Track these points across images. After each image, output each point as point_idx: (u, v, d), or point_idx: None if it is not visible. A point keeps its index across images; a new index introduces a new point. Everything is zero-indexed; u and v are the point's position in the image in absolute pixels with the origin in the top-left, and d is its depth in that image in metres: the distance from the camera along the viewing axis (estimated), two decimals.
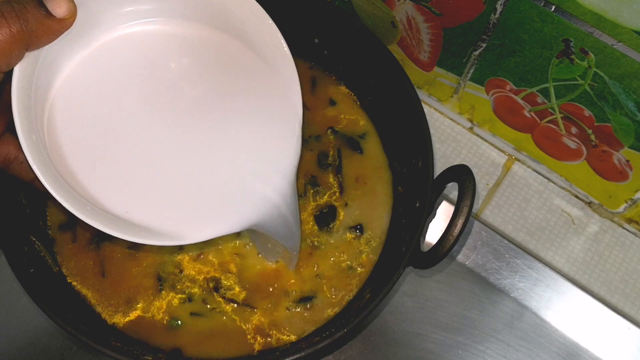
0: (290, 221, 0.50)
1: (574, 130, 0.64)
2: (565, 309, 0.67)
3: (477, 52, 0.63)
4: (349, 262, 0.61)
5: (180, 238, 0.43)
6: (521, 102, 0.66)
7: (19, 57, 0.39)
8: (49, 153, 0.41)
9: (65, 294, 0.58)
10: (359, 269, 0.61)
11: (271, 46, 0.47)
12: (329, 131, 0.66)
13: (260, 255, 0.60)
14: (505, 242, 0.70)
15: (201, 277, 0.59)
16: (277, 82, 0.47)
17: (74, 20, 0.40)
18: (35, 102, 0.41)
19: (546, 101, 0.63)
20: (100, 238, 0.60)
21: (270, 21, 0.47)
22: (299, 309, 0.59)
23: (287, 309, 0.59)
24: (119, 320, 0.58)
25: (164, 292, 0.59)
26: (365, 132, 0.67)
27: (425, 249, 0.54)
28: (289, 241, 0.55)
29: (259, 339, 0.58)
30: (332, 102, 0.68)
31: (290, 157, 0.47)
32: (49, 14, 0.39)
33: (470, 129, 0.75)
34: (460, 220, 0.52)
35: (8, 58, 0.38)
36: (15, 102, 0.38)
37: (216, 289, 0.59)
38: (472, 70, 0.66)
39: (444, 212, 0.69)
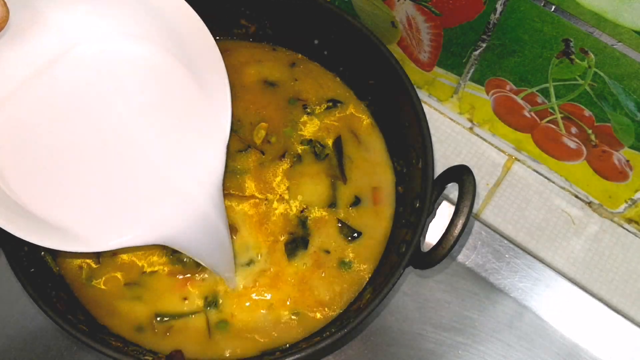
0: (217, 241, 0.50)
1: (574, 130, 0.64)
2: (565, 309, 0.67)
3: (477, 52, 0.63)
4: (348, 262, 0.61)
5: (90, 244, 0.43)
6: (521, 102, 0.66)
7: None
8: None
9: (65, 294, 0.58)
10: (359, 268, 0.61)
11: (210, 67, 0.48)
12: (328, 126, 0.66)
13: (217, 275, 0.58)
14: (505, 242, 0.70)
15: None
16: (210, 101, 0.47)
17: (4, 25, 0.39)
18: None
19: (546, 101, 0.63)
20: None
21: (214, 44, 0.47)
22: (300, 309, 0.59)
23: (288, 307, 0.59)
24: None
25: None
26: (369, 131, 0.67)
27: (425, 249, 0.54)
28: (219, 267, 0.54)
29: (259, 339, 0.58)
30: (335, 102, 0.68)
31: (214, 172, 0.47)
32: None
33: (470, 129, 0.75)
34: (460, 221, 0.52)
35: None
36: None
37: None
38: (472, 70, 0.66)
39: (444, 212, 0.69)
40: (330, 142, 0.65)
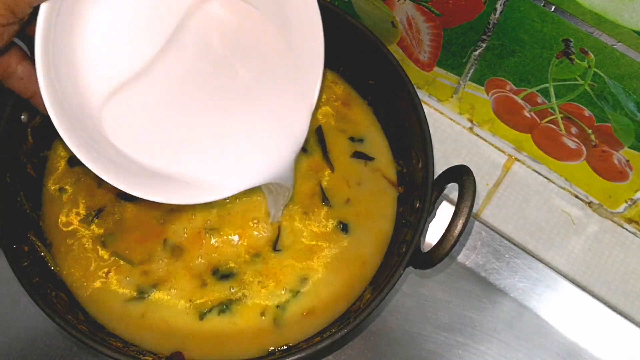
0: (287, 177, 0.55)
1: (574, 130, 0.64)
2: (565, 309, 0.67)
3: (477, 52, 0.63)
4: (348, 261, 0.61)
5: (217, 192, 0.47)
6: (521, 102, 0.66)
7: None
8: (61, 93, 0.42)
9: (66, 295, 0.58)
10: (359, 268, 0.61)
11: (310, 41, 0.50)
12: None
13: (271, 211, 0.61)
14: (505, 242, 0.70)
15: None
16: (302, 72, 0.51)
17: None
18: (55, 38, 0.41)
19: (546, 101, 0.63)
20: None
21: (319, 23, 0.49)
22: (300, 310, 0.59)
23: (289, 309, 0.59)
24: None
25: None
26: (369, 131, 0.67)
27: (425, 249, 0.54)
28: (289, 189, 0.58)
29: (260, 340, 0.58)
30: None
31: (299, 135, 0.52)
32: None
33: (470, 129, 0.75)
34: (460, 221, 0.52)
35: None
36: (39, 37, 0.38)
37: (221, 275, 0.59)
38: (472, 70, 0.66)
39: (444, 213, 0.69)
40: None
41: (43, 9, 0.39)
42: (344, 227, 0.62)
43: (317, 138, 0.65)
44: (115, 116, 0.46)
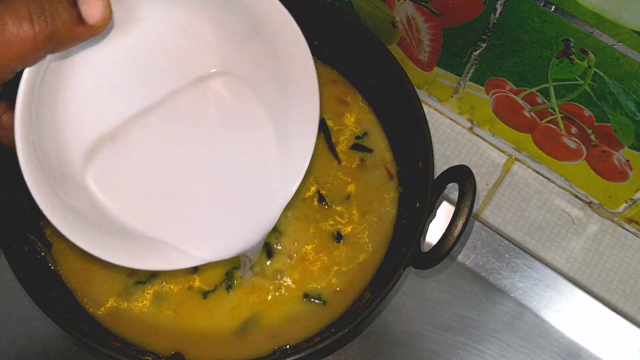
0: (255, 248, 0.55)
1: (574, 130, 0.64)
2: (565, 309, 0.67)
3: (477, 52, 0.63)
4: (349, 261, 0.61)
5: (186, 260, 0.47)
6: (521, 102, 0.66)
7: (39, 60, 0.36)
8: (41, 155, 0.41)
9: (66, 295, 0.58)
10: (359, 268, 0.61)
11: (302, 134, 0.50)
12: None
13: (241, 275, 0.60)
14: (505, 242, 0.70)
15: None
16: (287, 165, 0.51)
17: (105, 27, 0.37)
18: (39, 100, 0.40)
19: (546, 101, 0.63)
20: None
21: (317, 114, 0.49)
22: (301, 310, 0.59)
23: (290, 309, 0.59)
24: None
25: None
26: (369, 130, 0.67)
27: (425, 249, 0.54)
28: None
29: (260, 340, 0.58)
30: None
31: (268, 222, 0.51)
32: (80, 20, 0.35)
33: (470, 129, 0.75)
34: (460, 221, 0.52)
35: (25, 61, 0.35)
36: (20, 102, 0.37)
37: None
38: (472, 70, 0.66)
39: (444, 213, 0.69)
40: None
41: (26, 73, 0.37)
42: (341, 231, 0.62)
43: (321, 128, 0.65)
44: (99, 173, 0.45)
